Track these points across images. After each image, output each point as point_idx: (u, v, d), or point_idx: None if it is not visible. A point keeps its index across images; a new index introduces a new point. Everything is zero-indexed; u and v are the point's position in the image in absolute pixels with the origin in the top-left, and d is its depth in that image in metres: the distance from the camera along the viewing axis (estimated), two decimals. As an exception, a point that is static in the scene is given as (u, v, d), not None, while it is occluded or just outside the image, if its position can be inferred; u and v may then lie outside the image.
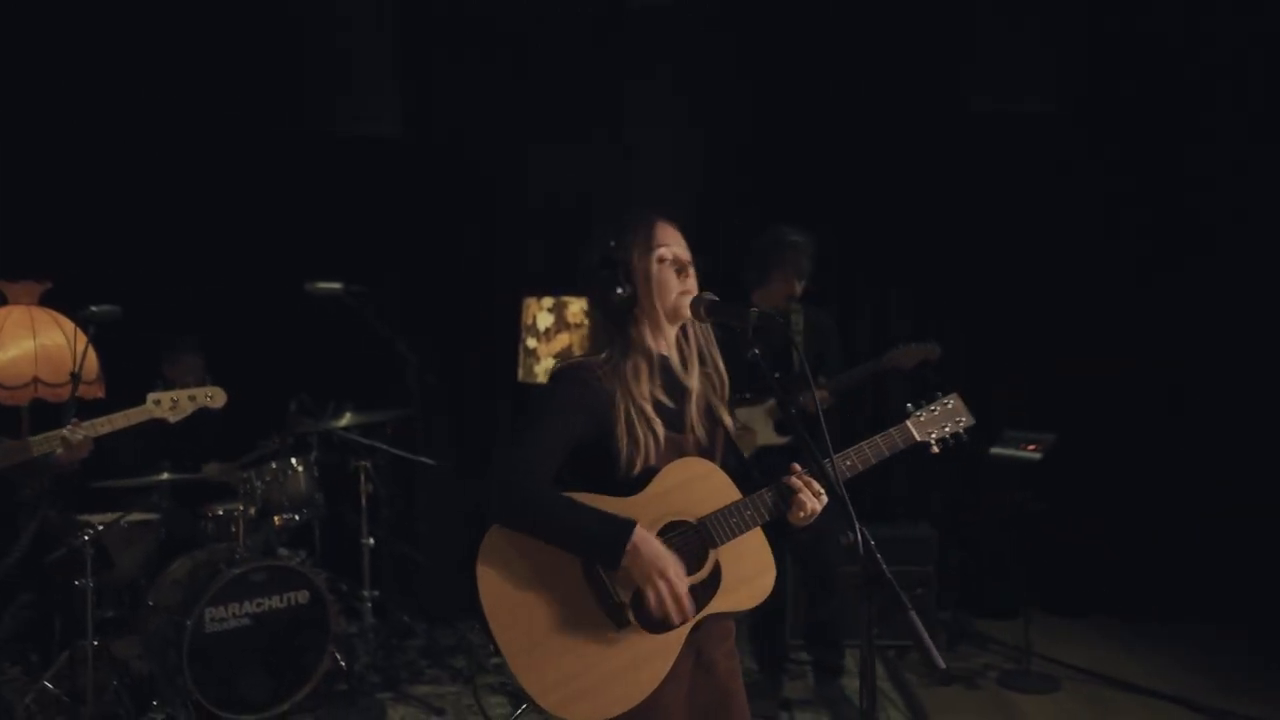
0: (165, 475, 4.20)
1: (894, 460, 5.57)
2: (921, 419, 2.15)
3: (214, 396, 3.17)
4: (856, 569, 4.66)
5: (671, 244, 1.98)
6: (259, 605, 4.02)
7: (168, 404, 3.05)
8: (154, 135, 5.13)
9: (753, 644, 4.17)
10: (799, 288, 3.90)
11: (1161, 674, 4.36)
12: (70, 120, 5.05)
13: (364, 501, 4.51)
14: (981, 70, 4.97)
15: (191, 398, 3.13)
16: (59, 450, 2.71)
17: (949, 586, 5.02)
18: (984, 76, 4.96)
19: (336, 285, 4.42)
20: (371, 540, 4.52)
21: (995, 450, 4.39)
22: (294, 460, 4.47)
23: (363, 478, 4.52)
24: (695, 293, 1.98)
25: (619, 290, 1.92)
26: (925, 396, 2.20)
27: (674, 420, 1.96)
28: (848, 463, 2.03)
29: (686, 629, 1.88)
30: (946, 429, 2.16)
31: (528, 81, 5.26)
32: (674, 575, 1.82)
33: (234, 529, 4.28)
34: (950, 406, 2.18)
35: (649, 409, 1.91)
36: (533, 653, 1.82)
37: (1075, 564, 5.16)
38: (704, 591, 1.90)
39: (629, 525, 1.81)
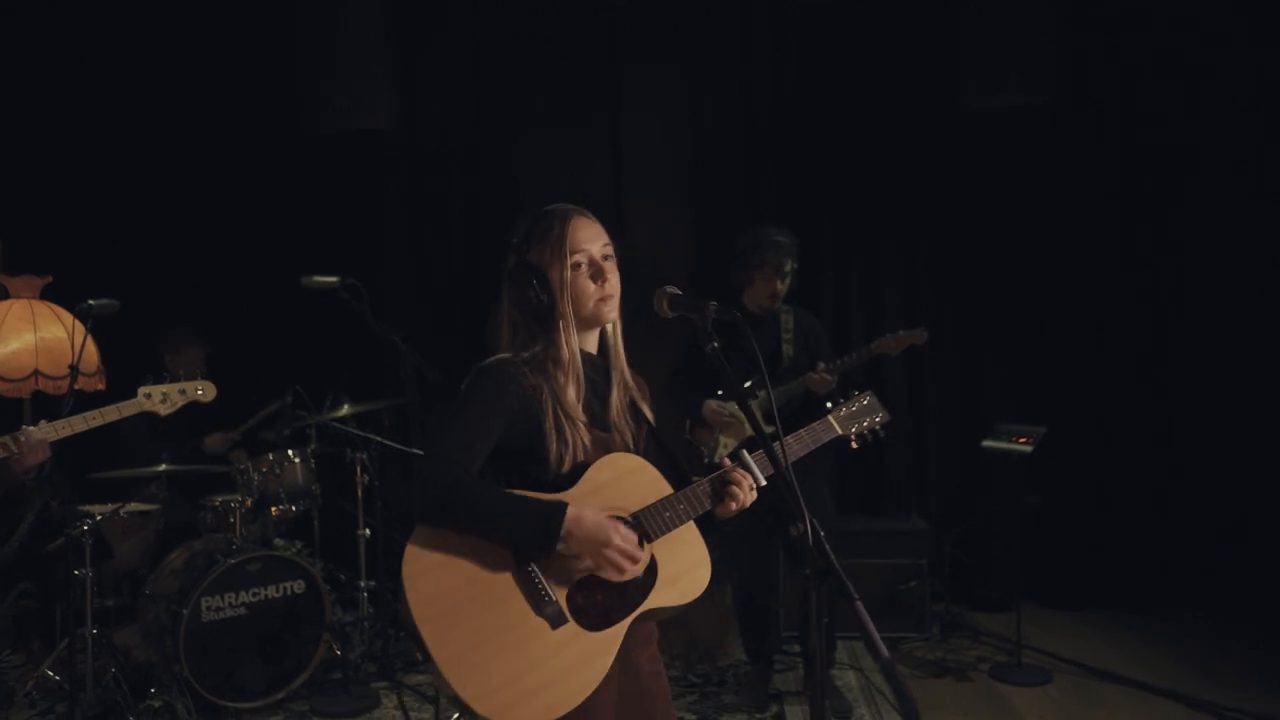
0: (164, 466, 4.26)
1: (888, 453, 5.58)
2: (842, 414, 2.22)
3: (204, 390, 3.15)
4: (845, 561, 4.70)
5: (587, 245, 1.90)
6: (255, 595, 4.07)
7: (159, 397, 3.03)
8: (152, 133, 5.20)
9: (743, 636, 4.20)
10: (781, 288, 3.90)
11: (1153, 667, 4.36)
12: (71, 119, 5.13)
13: (360, 492, 4.56)
14: (972, 63, 4.96)
15: (182, 391, 3.11)
16: (13, 454, 2.60)
17: (942, 580, 5.03)
18: (974, 70, 4.95)
19: (332, 279, 4.44)
20: (368, 531, 4.56)
21: (987, 443, 4.40)
22: (291, 452, 4.52)
23: (359, 469, 4.56)
24: (615, 295, 1.93)
25: (534, 294, 1.88)
26: (844, 395, 2.28)
27: (599, 417, 1.94)
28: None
29: (625, 625, 1.84)
30: (865, 424, 2.23)
31: (519, 71, 5.28)
32: (621, 539, 1.78)
33: (232, 520, 4.33)
34: (866, 403, 2.25)
35: (575, 407, 1.88)
36: (466, 659, 1.74)
37: (1071, 557, 5.17)
38: (642, 585, 1.86)
39: (560, 505, 1.77)
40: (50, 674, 4.12)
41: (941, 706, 4.07)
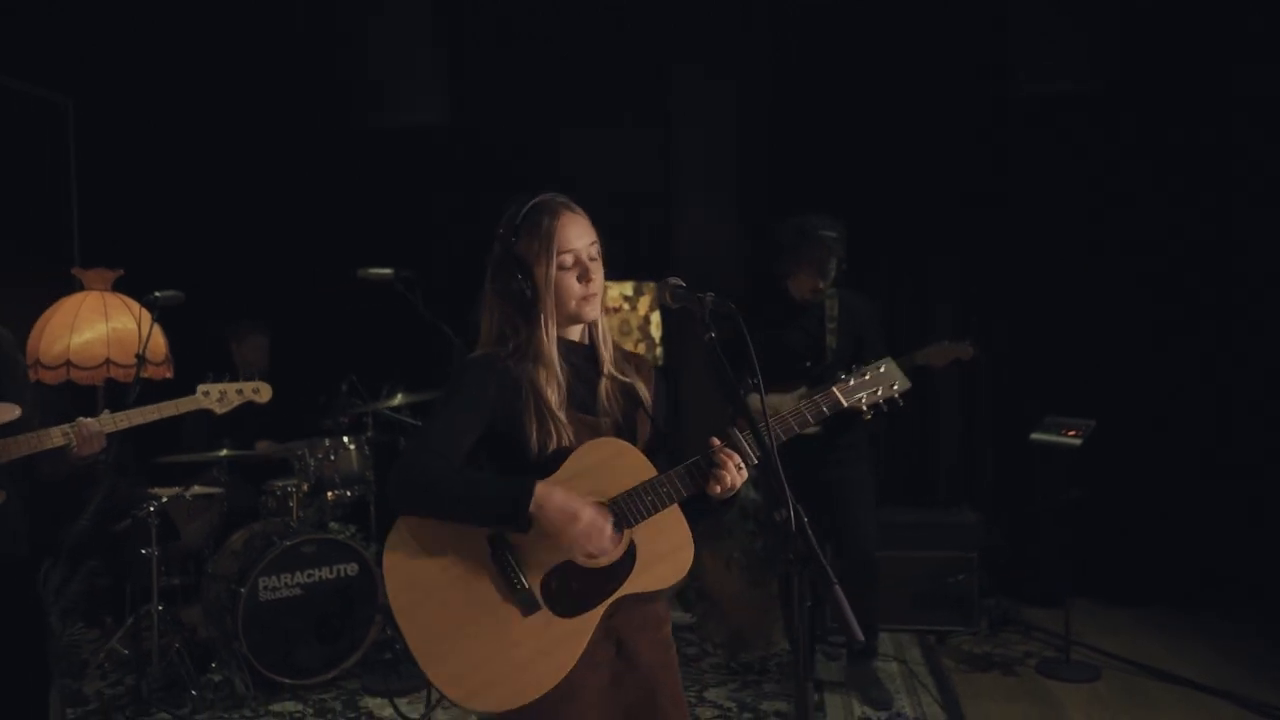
0: (224, 452, 4.44)
1: (939, 445, 5.52)
2: (850, 384, 2.09)
3: (260, 391, 3.25)
4: (888, 553, 4.64)
5: (574, 243, 1.91)
6: (310, 576, 4.22)
7: (216, 395, 3.12)
8: (216, 133, 5.41)
9: (787, 625, 4.22)
10: (823, 284, 3.86)
11: (1206, 667, 4.26)
12: (140, 122, 5.36)
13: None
14: (1021, 50, 4.88)
15: (239, 391, 3.20)
16: (72, 443, 2.66)
17: (992, 573, 4.97)
18: (1023, 57, 4.87)
19: (387, 271, 4.57)
20: (419, 516, 4.67)
21: (1035, 435, 4.34)
22: (346, 439, 4.66)
23: (411, 456, 4.67)
24: (598, 294, 1.94)
25: (518, 286, 1.89)
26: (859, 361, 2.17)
27: (586, 403, 1.94)
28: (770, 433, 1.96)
29: (600, 611, 1.83)
30: (879, 393, 2.09)
31: (567, 68, 5.35)
32: (590, 516, 1.79)
33: (291, 504, 4.49)
34: (883, 371, 2.10)
35: (554, 395, 1.88)
36: (440, 644, 1.77)
37: (1128, 554, 5.07)
38: (618, 570, 1.85)
39: (528, 484, 1.77)
40: (119, 647, 4.34)
41: (984, 698, 4.04)
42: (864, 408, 2.09)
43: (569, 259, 1.90)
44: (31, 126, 5.17)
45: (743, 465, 1.87)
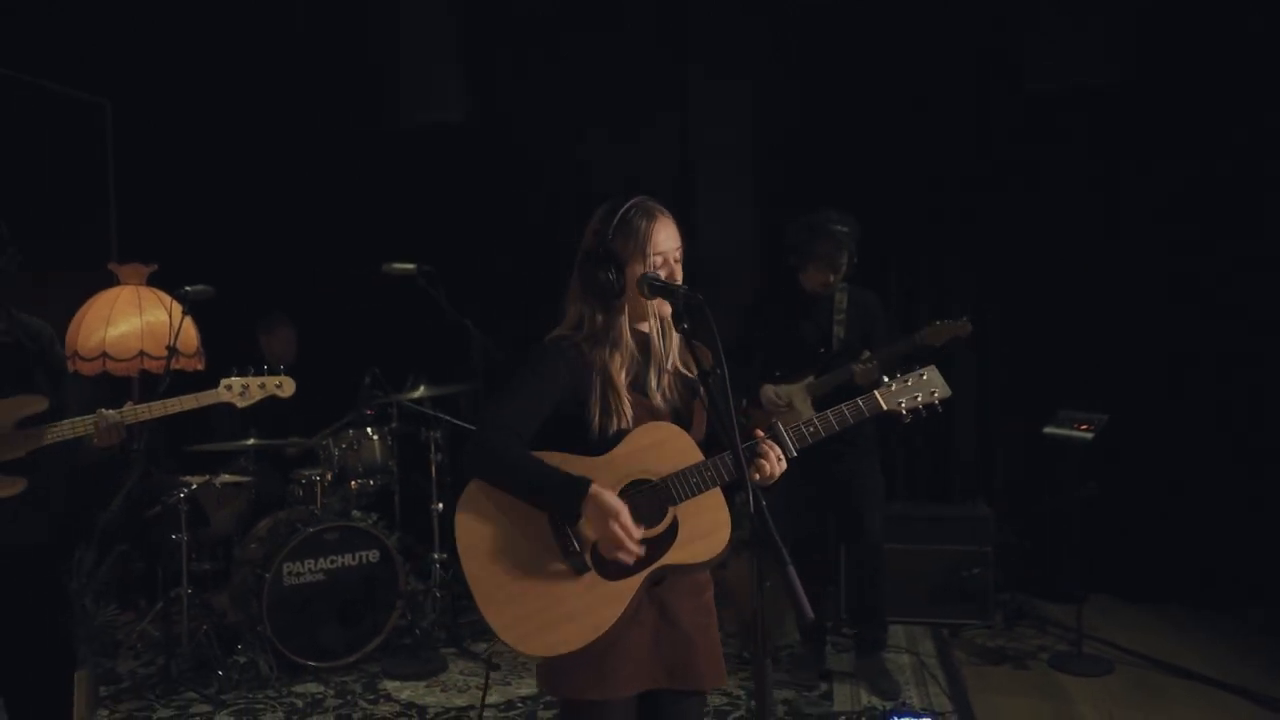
0: (251, 441, 4.58)
1: (954, 439, 5.52)
2: (892, 389, 2.17)
3: (282, 386, 3.29)
4: (903, 547, 4.68)
5: (665, 245, 2.07)
6: (333, 562, 4.36)
7: (238, 389, 3.16)
8: (248, 134, 5.58)
9: (795, 614, 4.27)
10: (834, 277, 3.93)
11: (1219, 662, 4.24)
12: (174, 123, 5.53)
13: (433, 469, 4.80)
14: (1036, 47, 4.86)
15: (261, 385, 3.23)
16: (93, 434, 2.75)
17: (1008, 567, 4.98)
18: (1036, 48, 4.85)
19: (410, 266, 4.69)
20: (440, 505, 4.80)
21: (1048, 430, 4.35)
22: (369, 430, 4.78)
23: (433, 447, 4.80)
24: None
25: (608, 278, 2.04)
26: (903, 368, 2.22)
27: (648, 389, 2.11)
28: (810, 428, 2.10)
29: (641, 578, 2.01)
30: (919, 399, 2.16)
31: (587, 66, 5.44)
32: (623, 522, 1.94)
33: (316, 492, 4.63)
34: (925, 378, 2.18)
35: (623, 380, 2.06)
36: (499, 593, 1.99)
37: (1147, 550, 5.04)
38: (661, 543, 2.03)
39: (585, 482, 1.95)
40: (151, 629, 4.50)
41: (993, 690, 4.06)
42: (904, 411, 2.17)
43: (659, 260, 2.06)
44: (71, 127, 5.37)
45: (783, 457, 2.03)
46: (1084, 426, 4.23)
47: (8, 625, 2.70)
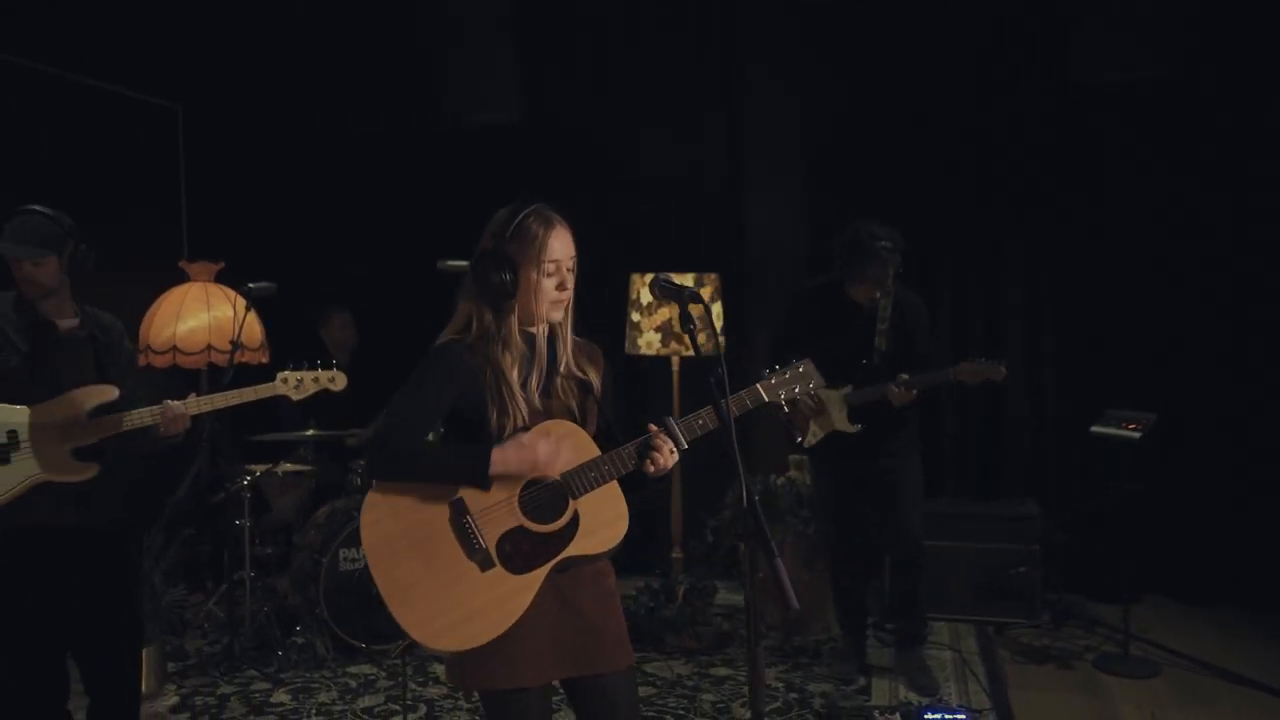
0: (310, 432, 4.76)
1: (1002, 437, 5.49)
2: (772, 381, 2.29)
3: (335, 380, 3.43)
4: (950, 544, 4.68)
5: (561, 255, 2.14)
6: (386, 549, 4.50)
7: (293, 383, 3.31)
8: (311, 135, 5.78)
9: (837, 610, 4.32)
10: (880, 293, 3.93)
11: (1270, 668, 4.16)
12: (243, 125, 5.76)
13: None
14: (1082, 34, 4.80)
15: (315, 379, 3.39)
16: (158, 422, 2.89)
17: (1058, 567, 4.95)
18: (1085, 41, 4.79)
19: (464, 263, 4.79)
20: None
21: (1096, 428, 4.32)
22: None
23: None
24: (567, 301, 2.17)
25: (502, 279, 2.09)
26: (780, 361, 2.34)
27: (543, 389, 2.17)
28: (700, 422, 2.17)
29: (546, 569, 2.08)
30: (796, 390, 2.30)
31: (638, 67, 5.52)
32: (545, 448, 2.04)
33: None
34: (801, 371, 2.31)
35: (515, 377, 2.11)
36: (407, 594, 2.02)
37: (1199, 551, 4.96)
38: (564, 536, 2.10)
39: (485, 449, 2.03)
40: (216, 610, 4.72)
41: (1034, 689, 4.06)
42: (782, 402, 2.30)
43: (552, 267, 2.13)
44: (145, 131, 5.62)
45: (675, 449, 2.11)
46: (1132, 426, 4.19)
47: (83, 601, 2.89)
